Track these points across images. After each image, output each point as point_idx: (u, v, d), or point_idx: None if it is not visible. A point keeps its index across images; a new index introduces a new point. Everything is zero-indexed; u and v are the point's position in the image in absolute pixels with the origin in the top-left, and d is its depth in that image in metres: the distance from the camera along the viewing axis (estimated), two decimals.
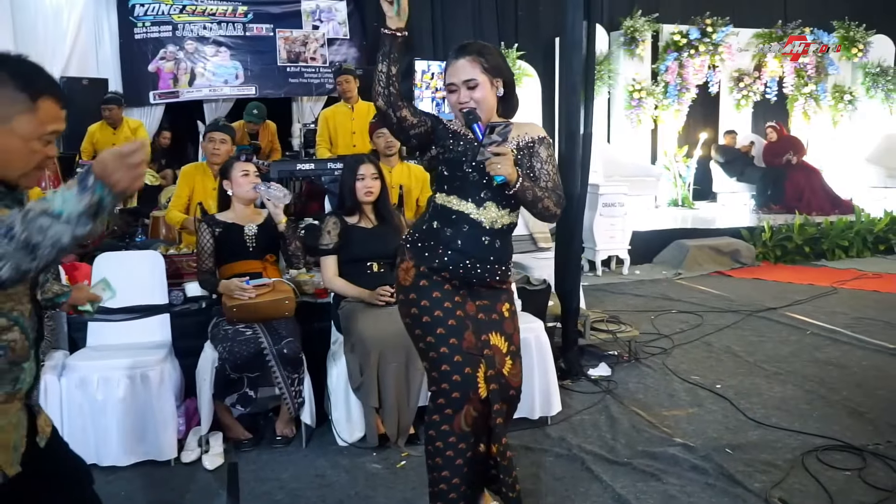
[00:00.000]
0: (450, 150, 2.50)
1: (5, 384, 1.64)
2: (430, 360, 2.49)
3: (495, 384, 2.50)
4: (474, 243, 2.49)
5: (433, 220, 2.54)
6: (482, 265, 2.51)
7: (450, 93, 2.50)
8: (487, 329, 2.55)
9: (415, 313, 2.51)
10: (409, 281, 2.53)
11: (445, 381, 2.44)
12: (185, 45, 9.41)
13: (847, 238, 8.59)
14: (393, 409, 3.46)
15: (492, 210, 2.49)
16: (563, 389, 4.25)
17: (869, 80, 11.25)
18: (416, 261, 2.52)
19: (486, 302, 2.59)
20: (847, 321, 5.73)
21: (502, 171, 2.33)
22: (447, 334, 2.45)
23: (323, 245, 3.74)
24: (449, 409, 2.44)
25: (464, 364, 2.44)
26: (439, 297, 2.48)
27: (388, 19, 2.33)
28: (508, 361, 2.58)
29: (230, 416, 3.59)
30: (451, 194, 2.51)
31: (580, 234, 4.66)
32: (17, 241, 1.37)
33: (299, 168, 5.59)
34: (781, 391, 4.27)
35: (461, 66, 2.46)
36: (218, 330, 3.53)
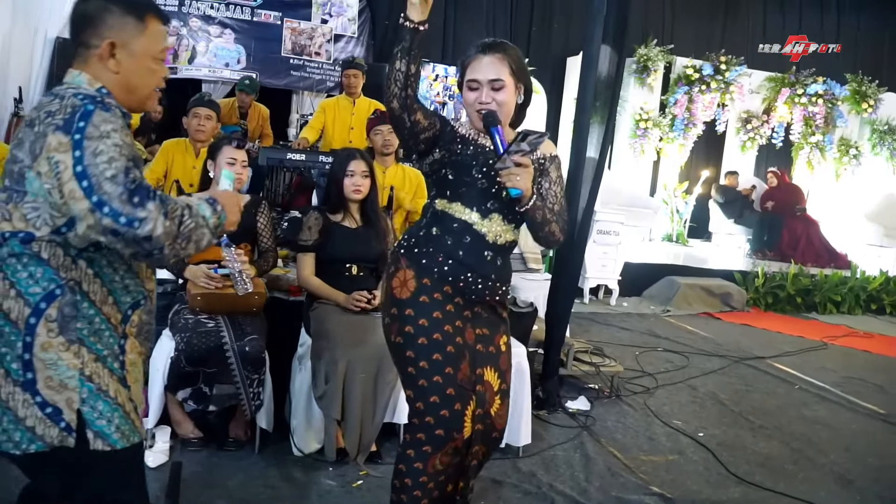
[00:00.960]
0: (457, 153, 2.27)
1: (141, 335, 1.77)
2: (417, 388, 2.20)
3: (481, 424, 2.25)
4: (476, 256, 2.26)
5: (432, 227, 2.29)
6: (483, 281, 2.28)
7: (470, 90, 2.26)
8: (483, 362, 2.30)
9: (409, 332, 2.21)
10: (406, 294, 2.24)
11: (431, 415, 2.17)
12: (190, 22, 9.18)
13: (840, 293, 8.42)
14: (356, 423, 3.21)
15: (497, 223, 2.27)
16: (539, 420, 4.04)
17: (876, 136, 11.12)
18: (415, 270, 2.26)
19: (486, 331, 2.34)
20: (837, 379, 5.53)
21: (521, 184, 2.10)
22: (443, 362, 2.18)
23: (302, 241, 3.50)
24: (428, 447, 2.17)
25: (455, 399, 2.18)
26: (440, 318, 2.22)
27: (410, 8, 2.05)
28: (497, 401, 2.32)
29: (181, 412, 3.34)
30: (454, 201, 2.27)
31: (580, 261, 4.43)
32: (186, 228, 1.57)
33: (289, 157, 5.34)
34: (766, 447, 4.05)
35: (488, 62, 2.23)
36: (178, 318, 3.28)
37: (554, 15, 10.77)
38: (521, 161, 2.09)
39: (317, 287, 3.47)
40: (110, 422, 1.63)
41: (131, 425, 1.68)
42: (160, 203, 1.50)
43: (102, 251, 1.62)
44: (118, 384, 1.66)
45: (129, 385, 1.69)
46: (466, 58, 2.29)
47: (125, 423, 1.66)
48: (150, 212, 1.48)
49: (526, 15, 10.64)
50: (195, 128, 4.42)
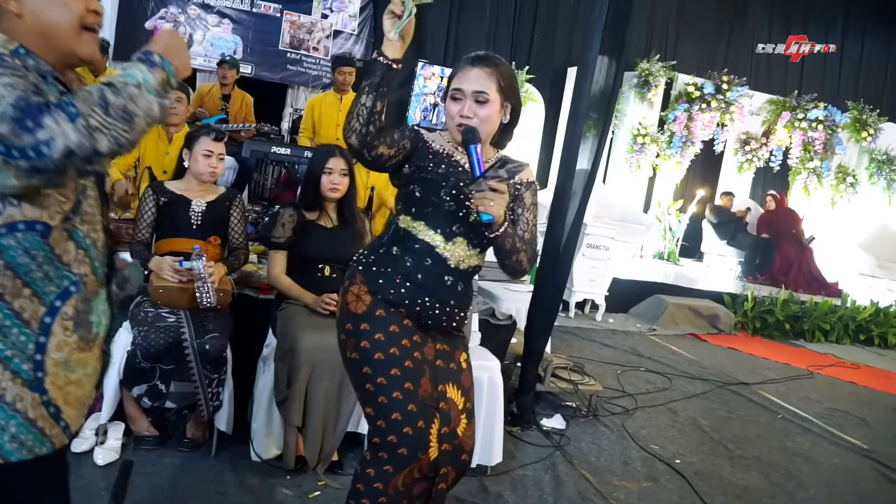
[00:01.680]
0: (427, 170, 2.13)
1: (81, 326, 1.55)
2: (377, 405, 2.06)
3: (448, 444, 2.10)
4: (436, 281, 2.13)
5: (393, 245, 2.16)
6: (441, 307, 2.14)
7: (452, 100, 2.13)
8: (445, 379, 2.16)
9: (365, 347, 2.08)
10: (362, 308, 2.11)
11: (393, 434, 2.02)
12: (188, 10, 9.07)
13: (829, 322, 8.31)
14: (317, 431, 3.08)
15: (460, 247, 2.14)
16: (510, 437, 3.91)
17: (874, 165, 11.03)
18: (370, 286, 2.12)
19: (446, 347, 2.21)
20: (821, 410, 5.41)
21: (494, 210, 1.96)
22: (402, 377, 2.05)
23: (274, 237, 3.36)
24: (389, 467, 2.02)
25: (417, 415, 2.04)
26: (397, 332, 2.09)
27: (386, 44, 1.96)
28: (464, 420, 2.17)
29: (136, 408, 3.19)
30: (417, 220, 2.13)
31: (565, 275, 4.29)
32: (115, 109, 1.33)
33: (274, 151, 5.21)
34: (744, 478, 3.92)
35: (475, 75, 2.11)
36: (139, 310, 3.14)
37: (557, 24, 10.66)
38: (496, 187, 1.96)
39: (286, 286, 3.33)
40: (3, 430, 1.45)
41: (37, 434, 1.49)
42: (60, 109, 1.29)
43: (16, 235, 1.43)
44: (22, 388, 1.46)
45: (47, 388, 1.49)
46: (455, 67, 2.17)
47: (26, 431, 1.47)
48: (48, 128, 1.27)
49: (528, 23, 10.53)
50: None
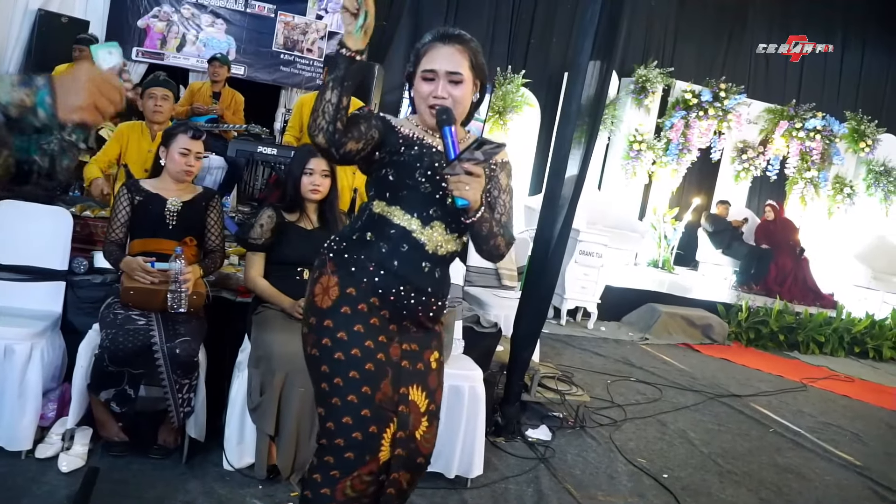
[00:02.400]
0: (399, 153, 2.03)
1: None
2: (329, 406, 1.97)
3: (402, 449, 2.01)
4: (412, 268, 2.02)
5: (366, 231, 2.05)
6: (417, 296, 2.04)
7: (424, 81, 2.03)
8: (408, 380, 2.06)
9: (326, 345, 1.99)
10: (328, 303, 2.01)
11: (341, 437, 1.94)
12: (182, 9, 8.96)
13: (824, 334, 8.21)
14: (291, 440, 2.97)
15: (438, 231, 2.03)
16: (493, 447, 3.80)
17: (872, 177, 10.98)
18: (340, 277, 2.02)
19: (415, 347, 2.11)
20: (813, 424, 5.31)
21: (469, 194, 1.87)
22: (360, 380, 1.95)
23: (252, 238, 3.26)
24: (336, 472, 1.93)
25: (370, 420, 1.95)
26: (361, 332, 1.99)
27: (347, 36, 1.88)
28: (424, 423, 2.07)
29: (105, 412, 3.08)
30: (392, 204, 2.03)
31: (553, 280, 4.18)
32: None
33: (260, 150, 5.09)
34: (733, 495, 3.82)
35: (448, 53, 2.02)
36: (108, 312, 3.03)
37: (554, 29, 10.57)
38: (472, 170, 1.86)
39: (263, 289, 3.22)
40: None
41: None
42: None
43: None
44: None
45: None
46: (422, 45, 2.06)
47: None
48: None
49: (526, 27, 10.43)
50: (152, 109, 4.18)
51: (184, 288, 2.99)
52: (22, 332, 2.96)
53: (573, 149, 3.99)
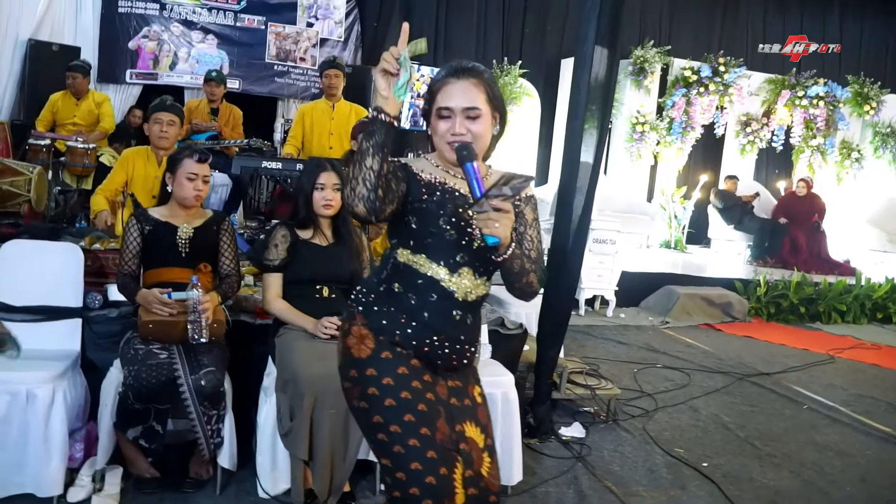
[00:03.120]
0: (422, 200, 1.94)
1: None
2: (393, 456, 1.87)
3: (473, 488, 1.92)
4: (444, 318, 1.95)
5: (393, 282, 1.97)
6: (451, 345, 1.96)
7: (440, 119, 1.93)
8: (461, 417, 1.98)
9: (373, 395, 1.90)
10: (366, 352, 1.93)
11: (415, 485, 1.83)
12: (171, 27, 8.92)
13: (845, 302, 8.13)
14: (325, 463, 2.90)
15: (466, 278, 1.95)
16: (529, 450, 3.73)
17: (878, 139, 10.87)
18: (372, 330, 1.95)
19: (458, 384, 2.03)
20: (846, 398, 5.23)
21: (500, 231, 1.77)
22: (417, 422, 1.86)
23: (267, 260, 3.18)
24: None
25: (438, 463, 1.85)
26: (406, 374, 1.91)
27: (383, 101, 1.76)
28: (486, 459, 1.99)
29: (134, 449, 3.01)
30: (417, 253, 1.95)
31: (576, 273, 4.09)
32: None
33: (265, 165, 5.04)
34: (775, 478, 3.74)
35: (464, 88, 1.92)
36: (128, 348, 2.96)
37: (548, 16, 10.48)
38: (500, 206, 1.77)
39: (283, 311, 3.15)
40: None
41: None
42: None
43: None
44: None
45: None
46: (435, 82, 1.96)
47: None
48: None
49: (518, 17, 10.35)
50: (157, 134, 4.10)
51: (203, 317, 2.92)
52: (42, 374, 2.89)
53: (585, 137, 3.92)
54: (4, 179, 4.68)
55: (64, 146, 6.33)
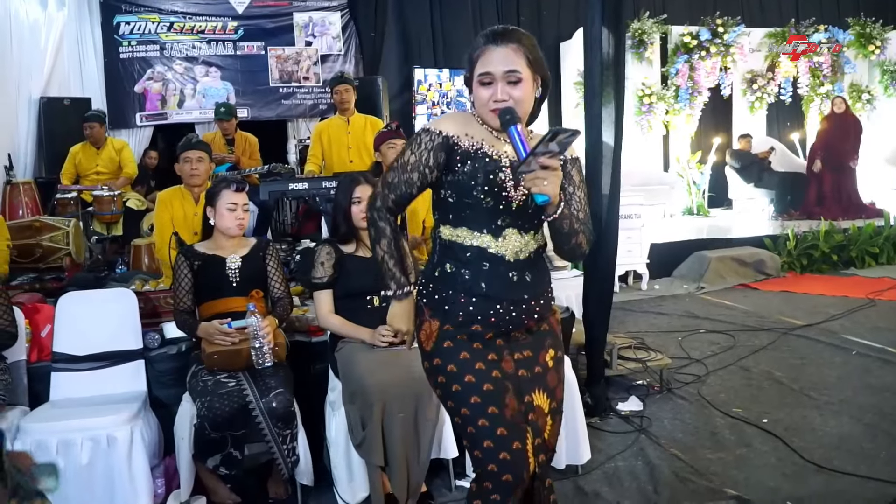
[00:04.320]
0: (455, 171, 2.00)
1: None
2: (468, 437, 1.98)
3: (543, 455, 2.02)
4: (501, 283, 2.00)
5: (444, 262, 2.04)
6: (516, 307, 2.02)
7: (482, 86, 1.98)
8: (530, 387, 2.06)
9: (442, 382, 2.01)
10: (430, 345, 2.04)
11: (491, 462, 1.92)
12: (174, 66, 9.05)
13: (876, 244, 8.11)
14: (401, 466, 2.97)
15: (513, 238, 2.00)
16: (592, 429, 3.78)
17: (887, 77, 10.79)
18: (439, 319, 2.03)
19: (528, 353, 2.09)
20: (894, 338, 5.24)
21: (549, 189, 1.83)
22: (484, 402, 1.95)
23: (316, 279, 3.26)
24: (496, 495, 1.93)
25: (510, 438, 1.93)
26: (468, 358, 1.99)
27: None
28: (549, 422, 2.08)
29: (214, 478, 3.11)
30: (458, 226, 2.01)
31: (613, 252, 4.16)
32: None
33: (292, 188, 5.13)
34: (837, 426, 3.78)
35: (503, 54, 1.95)
36: (196, 381, 3.06)
37: (541, 1, 10.51)
38: (548, 163, 1.82)
39: (338, 326, 3.23)
40: None
41: None
42: None
43: None
44: None
45: None
46: (474, 50, 2.00)
47: None
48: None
49: (512, 6, 10.38)
50: (189, 173, 4.19)
51: (265, 342, 3.01)
52: (118, 417, 2.99)
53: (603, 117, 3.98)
54: (43, 236, 4.81)
55: (90, 196, 6.46)
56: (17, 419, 3.01)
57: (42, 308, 3.60)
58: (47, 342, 3.45)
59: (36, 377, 3.35)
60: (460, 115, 2.09)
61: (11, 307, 3.19)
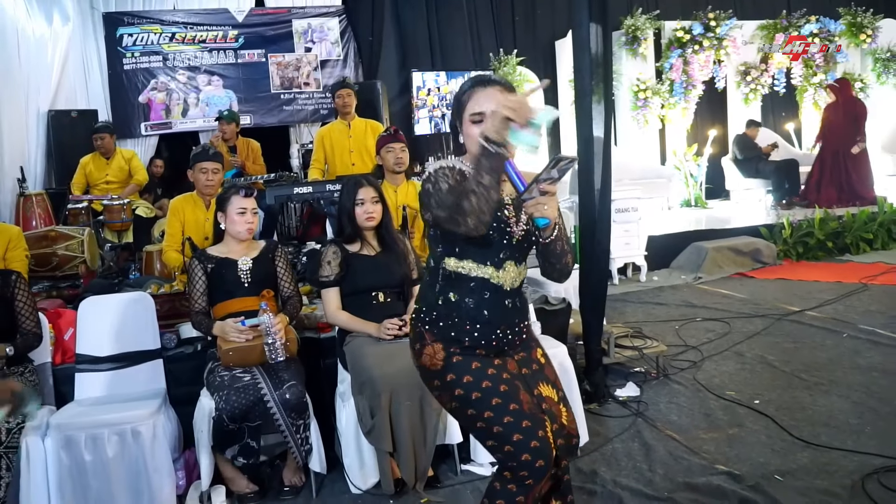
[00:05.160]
0: None
1: None
2: (495, 437, 2.12)
3: (562, 439, 2.20)
4: (500, 311, 2.19)
5: (448, 291, 2.20)
6: (511, 331, 2.22)
7: (473, 124, 2.15)
8: (535, 382, 2.25)
9: (460, 395, 2.15)
10: (439, 364, 2.18)
11: (525, 452, 2.08)
12: (177, 76, 9.24)
13: (871, 230, 8.24)
14: (409, 452, 3.16)
15: (510, 270, 2.19)
16: (591, 414, 3.96)
17: (880, 66, 10.92)
18: (443, 343, 2.18)
19: (523, 354, 2.29)
20: (884, 321, 5.40)
21: (549, 213, 2.02)
22: (504, 402, 2.12)
23: (323, 277, 3.45)
24: (530, 480, 2.09)
25: (534, 428, 2.10)
26: (479, 367, 2.16)
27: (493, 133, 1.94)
28: (563, 409, 2.26)
29: (232, 468, 3.30)
30: (464, 258, 2.17)
31: (606, 244, 4.33)
32: None
33: (297, 192, 5.31)
34: (826, 404, 3.95)
35: (490, 94, 2.13)
36: (214, 377, 3.24)
37: (536, 1, 10.68)
38: (548, 189, 2.00)
39: (346, 321, 3.42)
40: None
41: None
42: None
43: None
44: None
45: None
46: (462, 94, 2.20)
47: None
48: None
49: (507, 6, 10.55)
50: (204, 182, 4.38)
51: (277, 338, 3.19)
52: (141, 412, 3.18)
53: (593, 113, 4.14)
54: (59, 245, 5.00)
55: (100, 206, 6.65)
56: (47, 417, 3.20)
57: (64, 313, 3.79)
58: (70, 345, 3.64)
59: (61, 378, 3.55)
60: (456, 160, 2.24)
61: (37, 311, 3.38)
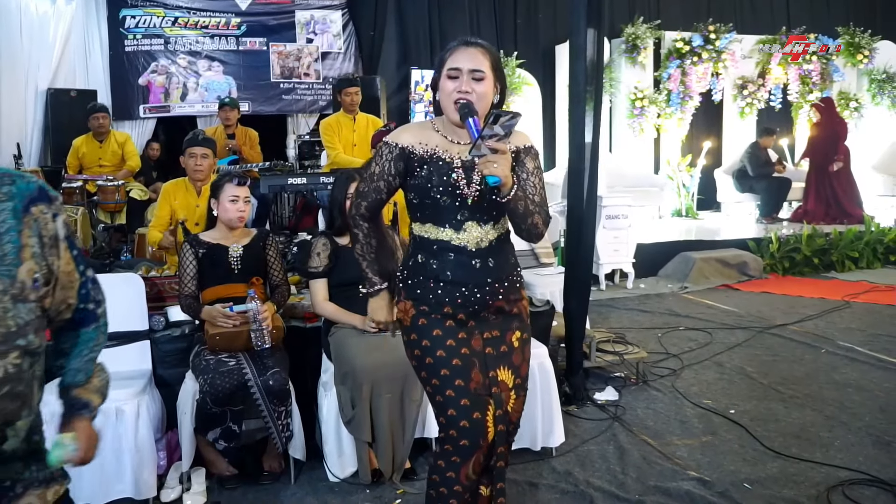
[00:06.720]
0: (414, 175, 2.28)
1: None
2: (436, 404, 2.29)
3: (502, 424, 2.29)
4: (464, 270, 2.28)
5: (417, 254, 2.33)
6: (480, 290, 2.29)
7: (449, 79, 2.23)
8: (495, 364, 2.33)
9: (418, 354, 2.31)
10: (407, 321, 2.33)
11: (453, 428, 2.23)
12: (178, 60, 9.27)
13: (857, 249, 8.34)
14: (387, 443, 3.22)
15: (473, 230, 2.27)
16: (568, 416, 4.03)
17: (875, 86, 11.04)
18: (413, 300, 2.32)
19: (496, 333, 2.36)
20: (863, 338, 5.49)
21: (499, 171, 2.07)
22: (451, 375, 2.24)
23: (312, 268, 3.51)
24: (456, 457, 2.22)
25: (472, 408, 2.22)
26: (440, 335, 2.27)
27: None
28: (513, 396, 2.35)
29: (213, 451, 3.35)
30: (425, 223, 2.31)
31: (590, 249, 4.40)
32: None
33: (291, 182, 5.36)
34: (799, 417, 4.03)
35: (471, 53, 2.23)
36: (199, 360, 3.30)
37: (538, 4, 10.74)
38: (496, 146, 2.07)
39: (332, 312, 3.47)
40: None
41: None
42: None
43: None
44: None
45: None
46: (446, 51, 2.28)
47: None
48: None
49: (510, 9, 10.60)
50: (193, 167, 4.43)
51: (264, 325, 3.25)
52: (126, 392, 3.22)
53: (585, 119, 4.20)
54: None
55: (94, 186, 6.69)
56: None
57: None
58: None
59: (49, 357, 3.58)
60: (416, 125, 2.39)
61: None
